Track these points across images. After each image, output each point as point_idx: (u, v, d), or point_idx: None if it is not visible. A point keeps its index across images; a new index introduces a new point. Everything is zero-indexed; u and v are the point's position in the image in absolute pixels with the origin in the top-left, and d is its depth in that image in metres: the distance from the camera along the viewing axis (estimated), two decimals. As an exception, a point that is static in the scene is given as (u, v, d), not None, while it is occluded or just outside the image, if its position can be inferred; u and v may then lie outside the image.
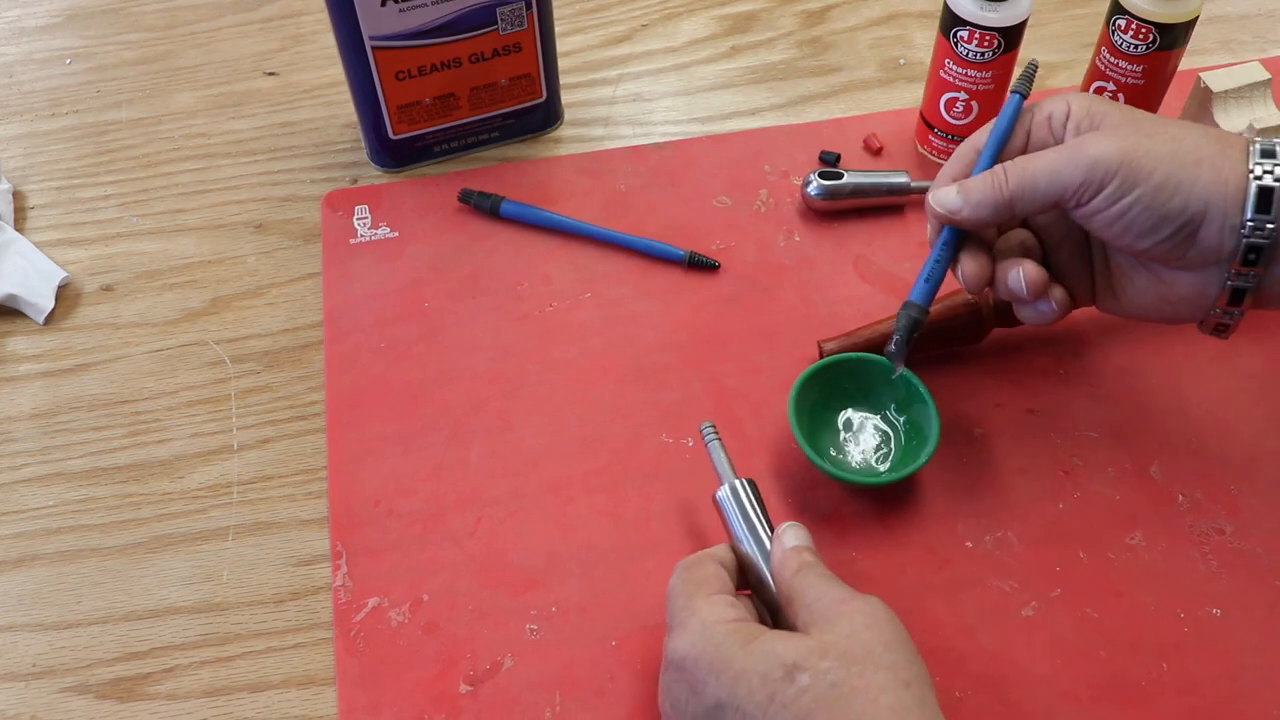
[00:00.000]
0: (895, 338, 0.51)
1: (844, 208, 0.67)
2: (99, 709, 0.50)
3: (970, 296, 0.58)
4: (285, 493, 0.57)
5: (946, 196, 0.50)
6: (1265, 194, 0.43)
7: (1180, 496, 0.55)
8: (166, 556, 0.55)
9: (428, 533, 0.55)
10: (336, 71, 0.69)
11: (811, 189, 0.66)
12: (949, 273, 0.52)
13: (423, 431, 0.58)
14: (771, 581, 0.46)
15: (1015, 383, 0.59)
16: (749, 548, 0.48)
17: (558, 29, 0.71)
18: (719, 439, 0.52)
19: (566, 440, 0.58)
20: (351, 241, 0.67)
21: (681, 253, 0.65)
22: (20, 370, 0.62)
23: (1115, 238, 0.47)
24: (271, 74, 0.79)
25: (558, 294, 0.64)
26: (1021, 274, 0.49)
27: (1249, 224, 0.44)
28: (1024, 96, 0.52)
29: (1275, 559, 0.53)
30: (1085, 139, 0.47)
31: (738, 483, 0.50)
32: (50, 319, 0.65)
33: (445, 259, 0.66)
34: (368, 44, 0.63)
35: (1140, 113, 0.47)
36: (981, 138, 0.52)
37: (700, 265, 0.65)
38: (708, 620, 0.42)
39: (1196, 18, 0.64)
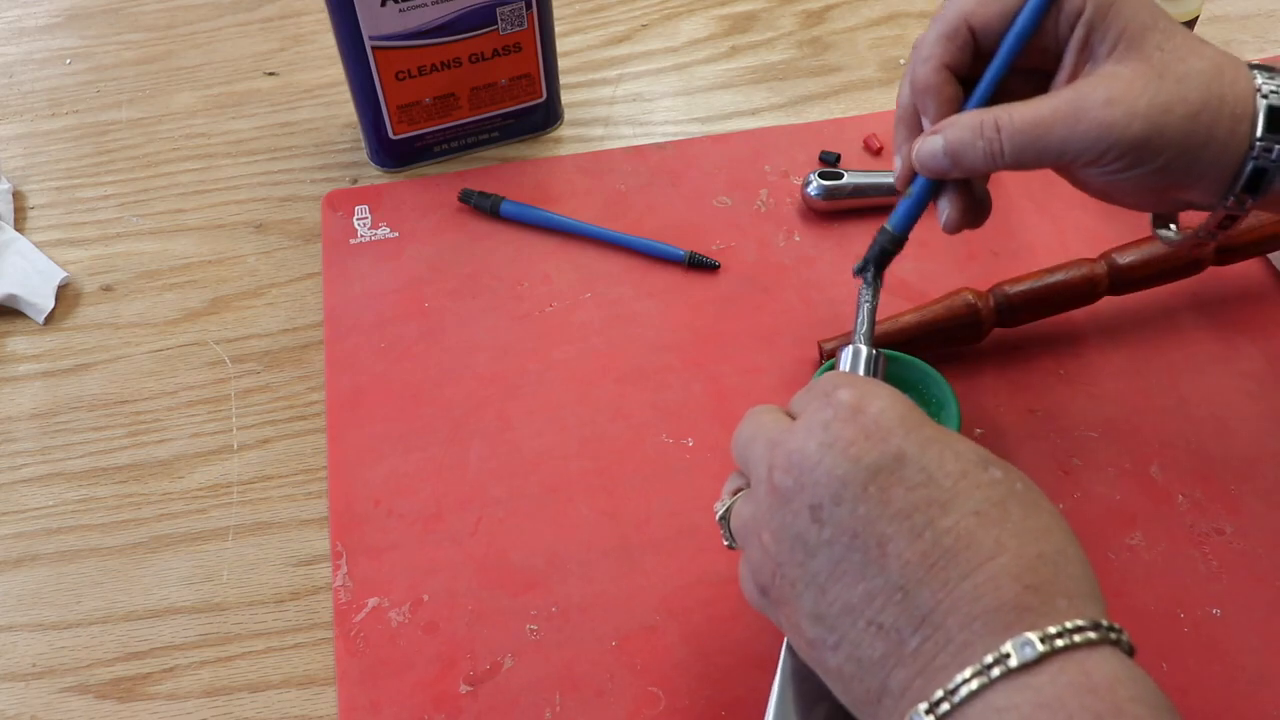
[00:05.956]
0: (864, 259, 0.48)
1: (844, 208, 0.67)
2: (99, 709, 0.50)
3: (970, 297, 0.58)
4: (285, 493, 0.57)
5: (933, 159, 0.46)
6: (1257, 174, 0.42)
7: (1180, 496, 0.55)
8: (166, 556, 0.55)
9: (428, 533, 0.55)
10: (336, 71, 0.69)
11: (811, 189, 0.66)
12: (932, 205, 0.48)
13: (423, 431, 0.58)
14: None
15: (1015, 383, 0.59)
16: None
17: (558, 29, 0.71)
18: (873, 300, 0.47)
19: (566, 440, 0.58)
20: (351, 241, 0.67)
21: (681, 253, 0.65)
22: (20, 370, 0.62)
23: (1087, 179, 0.45)
24: (271, 74, 0.79)
25: (558, 294, 0.64)
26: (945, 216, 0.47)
27: (1231, 199, 0.43)
28: None
29: (1275, 559, 0.53)
30: (1101, 98, 0.42)
31: (864, 349, 0.45)
32: (50, 319, 0.65)
33: (445, 259, 0.66)
34: (368, 44, 0.63)
35: (1157, 34, 0.43)
36: (970, 4, 0.45)
37: (700, 265, 0.65)
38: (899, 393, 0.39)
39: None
